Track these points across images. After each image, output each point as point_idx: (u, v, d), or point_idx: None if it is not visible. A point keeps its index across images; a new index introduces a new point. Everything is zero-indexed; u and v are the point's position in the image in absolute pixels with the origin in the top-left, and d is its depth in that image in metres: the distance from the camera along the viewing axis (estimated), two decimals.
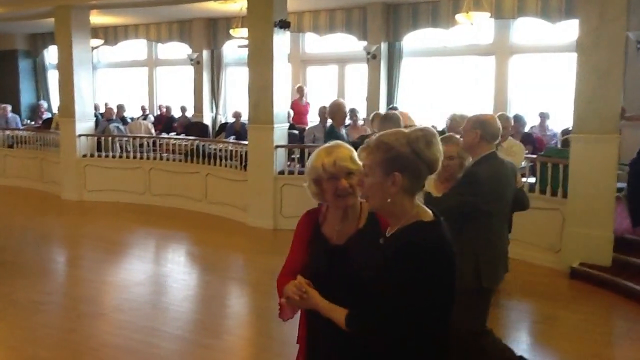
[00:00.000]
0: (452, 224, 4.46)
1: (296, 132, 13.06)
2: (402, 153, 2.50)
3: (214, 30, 17.05)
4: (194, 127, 16.09)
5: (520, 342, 6.41)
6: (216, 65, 17.46)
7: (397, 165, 2.50)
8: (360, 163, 2.76)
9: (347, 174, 2.96)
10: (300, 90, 15.38)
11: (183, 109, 17.52)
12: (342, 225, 3.05)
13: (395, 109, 14.31)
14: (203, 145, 12.80)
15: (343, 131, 8.97)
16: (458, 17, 11.87)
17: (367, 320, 2.51)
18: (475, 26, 12.78)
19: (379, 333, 2.50)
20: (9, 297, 7.58)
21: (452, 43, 14.53)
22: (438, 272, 2.45)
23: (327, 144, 3.12)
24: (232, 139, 13.81)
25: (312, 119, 14.67)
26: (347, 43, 15.51)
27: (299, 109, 15.16)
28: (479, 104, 13.57)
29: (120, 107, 16.69)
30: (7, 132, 16.59)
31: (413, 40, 14.79)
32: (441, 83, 15.02)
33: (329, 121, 9.31)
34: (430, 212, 2.59)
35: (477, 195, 4.42)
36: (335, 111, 8.71)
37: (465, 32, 13.92)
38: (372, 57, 14.52)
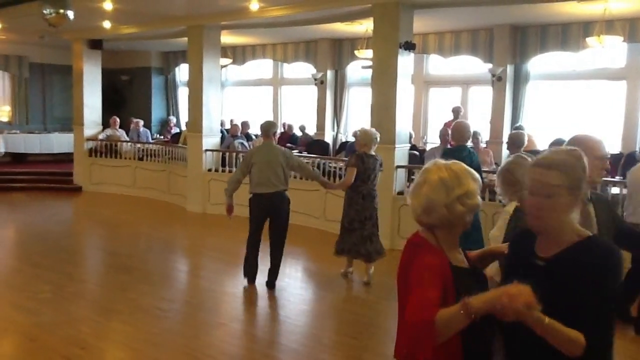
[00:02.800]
0: None
1: (417, 152, 13.00)
2: (582, 177, 2.64)
3: (339, 50, 17.22)
4: (315, 145, 16.30)
5: None
6: (339, 85, 17.62)
7: (579, 188, 2.64)
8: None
9: None
10: (455, 112, 14.26)
11: (302, 128, 17.80)
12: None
13: (521, 128, 14.01)
14: (324, 163, 12.95)
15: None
16: (589, 40, 11.52)
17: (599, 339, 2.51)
18: (607, 50, 12.34)
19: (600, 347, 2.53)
20: (135, 302, 7.92)
21: (581, 66, 14.04)
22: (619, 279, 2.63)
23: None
24: None
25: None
26: (471, 65, 15.33)
27: None
28: (608, 129, 13.14)
29: (245, 124, 17.11)
30: (138, 145, 17.37)
31: (540, 62, 14.46)
32: (568, 107, 14.54)
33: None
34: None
35: None
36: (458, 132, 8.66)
37: (595, 55, 13.47)
38: (498, 80, 14.22)
